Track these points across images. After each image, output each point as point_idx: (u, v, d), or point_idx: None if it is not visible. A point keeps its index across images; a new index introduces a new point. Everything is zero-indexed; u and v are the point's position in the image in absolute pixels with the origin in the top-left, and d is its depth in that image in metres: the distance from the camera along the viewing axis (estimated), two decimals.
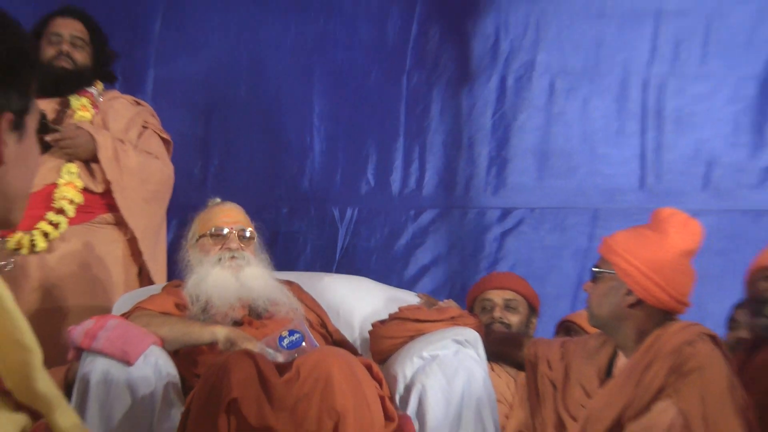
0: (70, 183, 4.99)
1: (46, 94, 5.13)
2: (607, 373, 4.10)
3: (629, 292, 3.92)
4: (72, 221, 5.01)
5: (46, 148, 4.92)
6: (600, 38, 6.61)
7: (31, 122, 1.95)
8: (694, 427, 3.71)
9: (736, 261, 5.13)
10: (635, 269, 3.90)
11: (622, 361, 4.05)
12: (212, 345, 4.21)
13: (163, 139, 5.43)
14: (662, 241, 3.94)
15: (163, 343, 4.18)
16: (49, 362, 2.00)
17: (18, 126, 1.90)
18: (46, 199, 4.93)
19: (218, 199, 4.74)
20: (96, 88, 5.31)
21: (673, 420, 3.75)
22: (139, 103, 5.50)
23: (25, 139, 1.94)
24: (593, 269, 4.10)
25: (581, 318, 5.09)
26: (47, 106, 5.11)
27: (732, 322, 5.20)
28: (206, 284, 4.37)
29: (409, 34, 6.62)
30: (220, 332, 4.20)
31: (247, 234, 4.55)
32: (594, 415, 3.88)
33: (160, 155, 5.33)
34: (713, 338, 3.87)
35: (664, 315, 3.95)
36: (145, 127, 5.35)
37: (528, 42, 6.62)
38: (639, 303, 3.92)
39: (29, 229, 4.88)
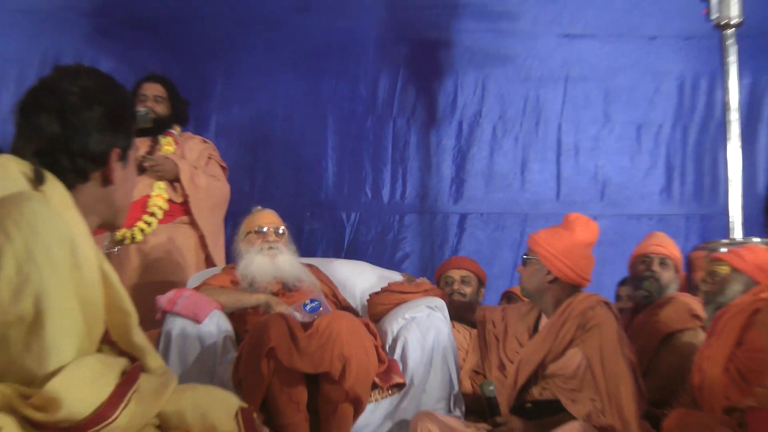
0: (159, 195, 5.00)
1: (142, 135, 5.16)
2: (534, 329, 4.12)
3: (549, 273, 3.97)
4: (160, 221, 5.02)
5: (142, 170, 4.98)
6: (526, 95, 6.64)
7: (132, 154, 2.02)
8: (594, 367, 3.76)
9: (622, 250, 5.14)
10: (552, 256, 3.95)
11: (544, 320, 4.07)
12: (256, 308, 4.25)
13: (222, 166, 5.44)
14: (571, 236, 4.01)
15: (222, 308, 4.21)
16: (144, 322, 2.06)
17: (123, 158, 1.97)
18: (143, 205, 4.93)
19: (260, 207, 4.77)
20: (175, 130, 5.35)
21: (580, 361, 3.80)
22: (205, 141, 5.46)
23: (128, 166, 2.00)
24: (524, 257, 4.15)
25: (516, 291, 5.14)
26: (143, 143, 5.14)
27: (618, 296, 5.25)
28: (252, 267, 4.42)
29: (394, 91, 6.63)
30: (262, 299, 4.25)
31: (280, 231, 4.57)
32: (525, 359, 3.91)
33: (220, 178, 5.32)
34: (607, 304, 3.93)
35: (573, 288, 4.00)
36: (210, 158, 5.35)
37: (476, 97, 6.64)
38: (555, 280, 3.98)
39: (131, 226, 4.89)
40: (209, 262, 5.12)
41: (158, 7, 6.44)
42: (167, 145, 5.21)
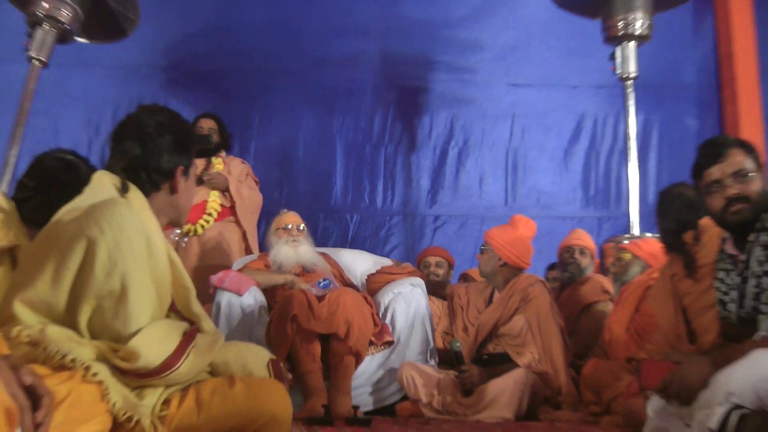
0: (215, 200, 4.99)
1: (200, 156, 5.18)
2: (489, 301, 4.12)
3: (500, 259, 3.98)
4: (214, 220, 5.03)
5: (201, 182, 4.97)
6: (483, 128, 6.59)
7: (192, 171, 2.02)
8: (533, 328, 3.79)
9: (553, 243, 5.15)
10: (502, 247, 3.96)
11: (497, 295, 4.07)
12: (283, 285, 4.23)
13: (255, 181, 5.36)
14: (515, 232, 4.02)
15: (258, 285, 4.19)
16: (201, 295, 2.07)
17: (185, 173, 1.98)
18: (203, 208, 4.92)
19: (286, 210, 4.74)
20: (223, 154, 5.35)
21: (523, 324, 3.82)
22: (243, 162, 5.40)
23: (189, 180, 2.01)
24: (481, 247, 4.14)
25: (474, 272, 5.15)
26: (201, 162, 5.15)
27: (546, 278, 5.27)
28: (280, 255, 4.37)
29: (386, 125, 6.57)
30: (289, 278, 4.23)
31: (301, 228, 4.51)
32: (483, 323, 3.91)
33: (255, 190, 5.27)
34: (542, 282, 3.96)
35: (517, 270, 4.01)
36: (248, 175, 5.29)
37: (446, 130, 6.59)
38: (505, 264, 3.99)
39: (194, 222, 4.89)
40: (248, 251, 5.09)
41: (213, 64, 6.49)
42: (218, 164, 5.19)
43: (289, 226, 4.51)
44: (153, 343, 1.65)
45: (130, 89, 6.34)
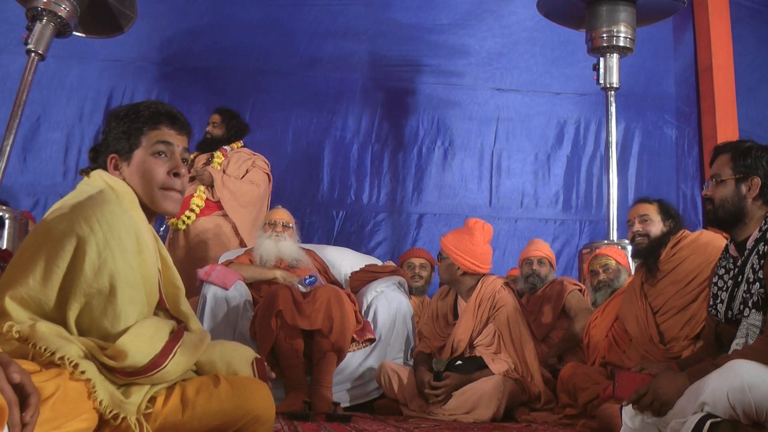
0: (199, 196, 4.95)
1: (204, 152, 5.16)
2: (454, 306, 4.02)
3: (458, 268, 3.85)
4: (202, 214, 4.98)
5: (193, 178, 4.94)
6: (468, 130, 6.67)
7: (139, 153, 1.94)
8: (504, 336, 3.74)
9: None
10: (460, 257, 3.81)
11: (460, 301, 3.97)
12: (270, 281, 4.22)
13: (266, 173, 5.27)
14: (471, 239, 3.85)
15: (244, 279, 4.18)
16: (188, 288, 2.05)
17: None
18: (188, 202, 4.94)
19: (279, 206, 4.72)
20: (230, 147, 5.25)
21: (494, 332, 3.77)
22: (253, 154, 5.31)
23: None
24: (439, 254, 3.97)
25: None
26: (203, 156, 5.16)
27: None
28: (261, 248, 4.35)
29: (373, 125, 6.61)
30: (278, 273, 4.23)
31: (289, 225, 4.49)
32: (458, 339, 3.82)
33: (260, 183, 5.16)
34: (508, 285, 3.89)
35: (480, 275, 3.90)
36: (253, 166, 5.19)
37: (433, 131, 6.65)
38: (464, 273, 3.86)
39: (178, 218, 4.88)
40: (243, 244, 5.02)
41: (205, 61, 6.50)
42: (218, 158, 5.14)
43: (276, 222, 4.48)
44: (140, 341, 1.63)
45: (124, 83, 6.34)
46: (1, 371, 1.18)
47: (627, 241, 4.74)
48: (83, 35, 5.56)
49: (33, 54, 4.96)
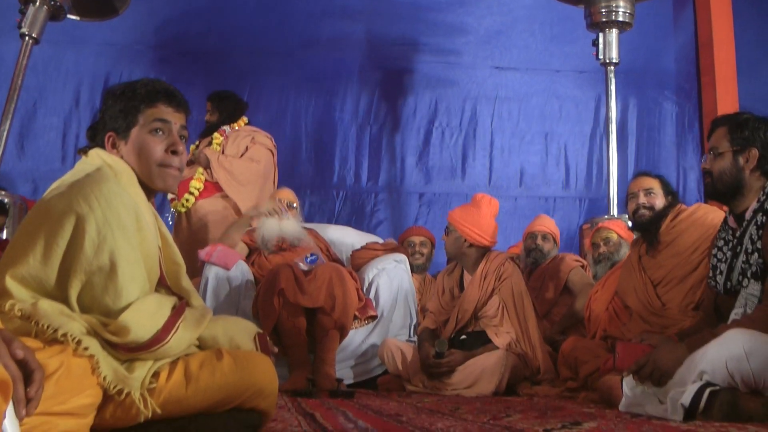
0: (198, 178, 4.91)
1: (205, 136, 5.15)
2: (460, 281, 4.05)
3: (465, 240, 3.90)
4: (203, 195, 4.94)
5: (191, 162, 4.94)
6: (467, 110, 6.66)
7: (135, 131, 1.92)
8: (509, 308, 3.78)
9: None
10: (467, 228, 3.87)
11: (466, 275, 4.01)
12: (267, 256, 4.28)
13: (268, 149, 5.20)
14: (479, 212, 3.91)
15: (237, 249, 4.26)
16: (190, 270, 2.05)
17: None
18: (187, 185, 4.94)
19: (285, 187, 4.75)
20: (230, 127, 5.15)
21: (499, 304, 3.81)
22: (255, 130, 5.24)
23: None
24: (446, 228, 4.04)
25: None
26: (204, 141, 5.13)
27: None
28: (264, 227, 4.33)
29: (372, 106, 6.62)
30: (246, 218, 4.35)
31: (294, 205, 4.50)
32: (463, 309, 3.86)
33: (260, 160, 5.08)
34: (513, 259, 3.94)
35: (485, 249, 3.94)
36: (253, 143, 5.11)
37: (431, 111, 6.64)
38: (471, 245, 3.91)
39: (179, 200, 4.90)
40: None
41: (201, 44, 6.49)
42: (217, 139, 5.11)
43: (281, 201, 4.48)
44: (142, 317, 1.64)
45: (121, 67, 6.34)
46: (4, 347, 1.18)
47: (627, 216, 4.78)
48: (77, 18, 5.54)
49: (27, 38, 4.94)
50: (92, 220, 1.62)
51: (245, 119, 5.29)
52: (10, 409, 1.10)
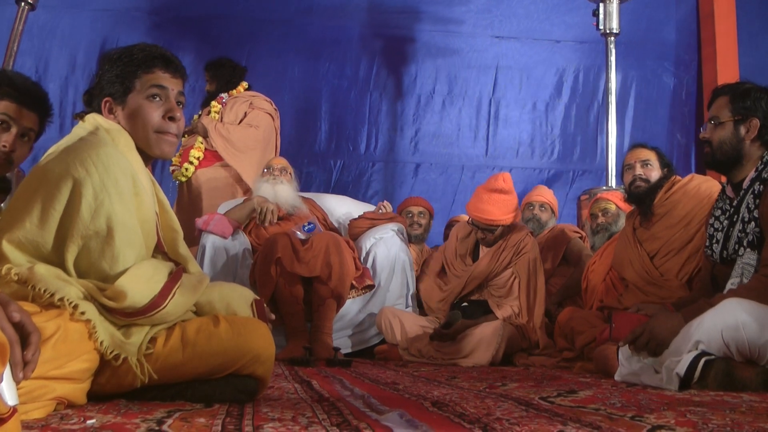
0: (198, 148, 4.90)
1: (204, 106, 5.13)
2: (474, 249, 4.07)
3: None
4: (203, 165, 4.95)
5: (190, 132, 4.93)
6: (467, 78, 6.63)
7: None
8: (522, 281, 3.82)
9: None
10: (509, 217, 3.83)
11: (483, 248, 4.00)
12: (267, 228, 4.25)
13: (268, 113, 5.19)
14: (513, 199, 3.90)
15: (241, 226, 4.24)
16: (190, 240, 2.05)
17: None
18: (187, 154, 4.93)
19: (279, 156, 4.74)
20: (228, 94, 5.17)
21: (510, 275, 3.84)
22: (253, 95, 5.23)
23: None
24: (490, 228, 3.89)
25: (460, 219, 5.10)
26: (204, 111, 5.12)
27: None
28: (258, 192, 4.35)
29: (371, 73, 6.57)
30: (254, 202, 4.26)
31: (287, 171, 4.48)
32: (474, 276, 3.89)
33: (259, 125, 5.06)
34: (531, 234, 3.97)
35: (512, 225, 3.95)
36: (251, 108, 5.10)
37: (431, 79, 6.60)
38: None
39: (180, 167, 4.91)
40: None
41: (198, 9, 6.41)
42: (215, 107, 5.09)
43: (273, 167, 4.49)
44: (139, 282, 1.64)
45: (117, 33, 6.27)
46: (0, 310, 1.18)
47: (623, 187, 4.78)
48: None
49: (23, 3, 4.90)
50: (89, 184, 1.61)
51: (245, 84, 5.28)
52: (7, 372, 1.10)
